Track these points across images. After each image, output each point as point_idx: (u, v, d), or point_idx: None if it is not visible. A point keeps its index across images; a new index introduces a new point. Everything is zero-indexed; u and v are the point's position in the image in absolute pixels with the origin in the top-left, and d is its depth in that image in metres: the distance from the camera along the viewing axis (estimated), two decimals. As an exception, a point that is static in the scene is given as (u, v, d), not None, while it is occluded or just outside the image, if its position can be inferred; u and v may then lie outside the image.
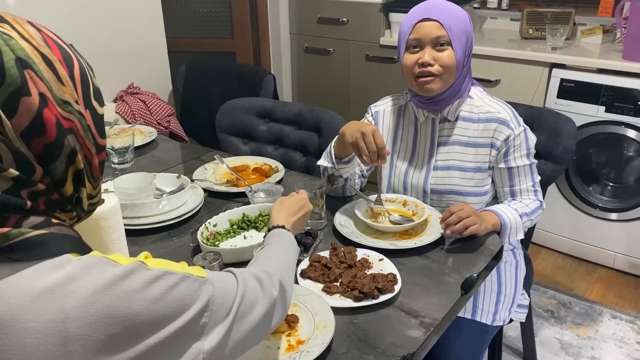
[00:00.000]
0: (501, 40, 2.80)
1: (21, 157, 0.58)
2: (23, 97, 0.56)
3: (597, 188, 2.54)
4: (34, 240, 0.57)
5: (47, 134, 0.59)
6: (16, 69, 0.56)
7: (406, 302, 1.09)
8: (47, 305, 0.53)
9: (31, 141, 0.58)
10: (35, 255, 0.57)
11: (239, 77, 2.63)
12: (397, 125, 1.54)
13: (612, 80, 2.30)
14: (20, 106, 0.56)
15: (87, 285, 0.56)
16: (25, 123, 0.57)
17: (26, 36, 0.59)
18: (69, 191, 0.64)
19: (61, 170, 0.62)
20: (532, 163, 1.44)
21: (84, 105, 0.64)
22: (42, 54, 0.59)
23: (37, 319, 0.53)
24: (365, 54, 3.05)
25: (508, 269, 1.53)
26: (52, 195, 0.62)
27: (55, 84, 0.60)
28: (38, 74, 0.58)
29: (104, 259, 0.60)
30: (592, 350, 2.06)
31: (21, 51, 0.57)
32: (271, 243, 0.98)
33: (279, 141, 2.05)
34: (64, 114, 0.60)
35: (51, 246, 0.58)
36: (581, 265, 2.61)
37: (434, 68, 1.34)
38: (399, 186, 1.53)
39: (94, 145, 0.66)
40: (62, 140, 0.60)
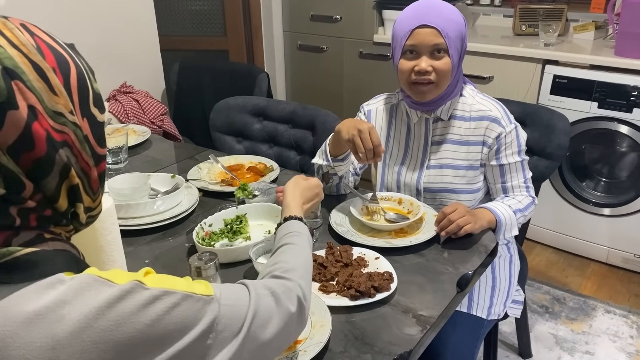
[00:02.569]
0: (494, 37, 2.81)
1: (8, 174, 0.54)
2: (10, 111, 0.53)
3: (590, 184, 2.55)
4: (24, 260, 0.54)
5: (37, 148, 0.55)
6: (2, 81, 0.52)
7: (402, 300, 1.09)
8: (36, 332, 0.50)
9: (19, 156, 0.54)
10: (25, 277, 0.53)
11: (232, 75, 2.62)
12: (390, 124, 1.54)
13: (605, 76, 2.31)
14: (6, 120, 0.52)
15: (79, 309, 0.52)
16: (12, 138, 0.53)
17: (16, 43, 0.55)
18: (63, 207, 0.60)
19: (53, 186, 0.58)
20: (524, 160, 1.45)
21: (81, 114, 0.60)
22: (33, 63, 0.55)
23: (25, 346, 0.50)
24: (359, 52, 3.05)
25: (502, 263, 1.54)
26: (44, 212, 0.59)
27: (46, 95, 0.56)
28: (27, 84, 0.54)
29: (98, 279, 0.56)
30: (586, 345, 2.07)
31: (9, 60, 0.53)
32: (292, 243, 0.89)
33: (273, 140, 2.05)
34: (56, 127, 0.56)
35: (42, 265, 0.55)
36: (575, 260, 2.63)
37: (430, 76, 1.34)
38: (392, 185, 1.53)
39: (92, 157, 0.62)
40: (53, 155, 0.57)
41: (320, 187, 1.15)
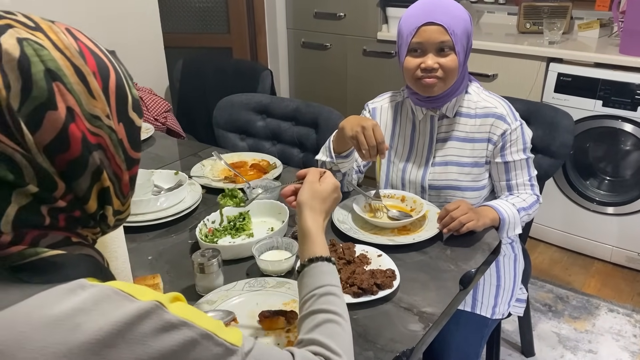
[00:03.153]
0: (498, 35, 2.80)
1: (43, 173, 0.55)
2: (49, 111, 0.54)
3: (594, 182, 2.54)
4: (49, 262, 0.55)
5: (72, 150, 0.56)
6: (44, 81, 0.53)
7: (405, 298, 1.09)
8: (52, 337, 0.50)
9: (55, 157, 0.55)
10: (49, 279, 0.54)
11: (235, 72, 2.63)
12: (395, 121, 1.53)
13: (609, 74, 2.30)
14: (45, 120, 0.53)
15: (95, 320, 0.52)
16: (49, 138, 0.54)
17: (60, 46, 0.56)
18: (92, 208, 0.61)
19: (85, 188, 0.59)
20: (529, 157, 1.44)
21: (117, 118, 0.60)
22: (74, 66, 0.56)
23: (40, 350, 0.50)
24: (363, 49, 3.05)
25: (507, 262, 1.53)
26: (74, 213, 0.59)
27: (85, 98, 0.57)
28: (68, 87, 0.55)
29: (120, 292, 0.55)
30: (589, 344, 2.07)
31: (52, 62, 0.54)
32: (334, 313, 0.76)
33: (276, 137, 2.05)
34: (92, 129, 0.57)
35: (66, 269, 0.55)
36: (578, 259, 2.62)
37: (437, 73, 1.34)
38: (397, 182, 1.53)
39: (125, 161, 0.62)
40: (87, 157, 0.57)
41: (338, 187, 0.98)
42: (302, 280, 0.83)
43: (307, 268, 0.83)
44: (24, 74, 0.52)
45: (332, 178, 0.97)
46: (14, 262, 0.53)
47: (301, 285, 0.83)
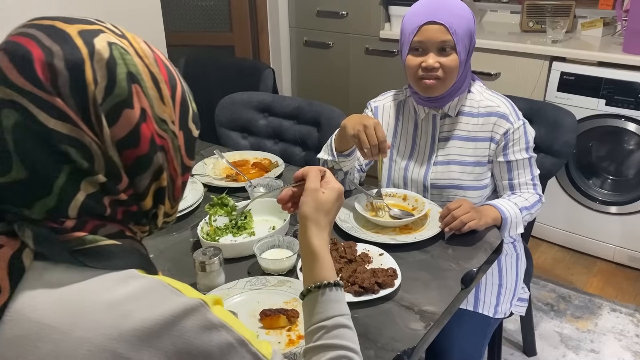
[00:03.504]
0: (501, 34, 2.79)
1: (111, 165, 0.59)
2: (126, 109, 0.59)
3: (597, 181, 2.54)
4: (106, 250, 0.58)
5: (140, 147, 0.60)
6: (126, 82, 0.59)
7: (406, 297, 1.09)
8: (105, 320, 0.54)
9: (123, 151, 0.60)
10: (105, 265, 0.57)
11: (238, 71, 2.62)
12: (397, 120, 1.53)
13: (613, 73, 2.29)
14: (121, 117, 0.58)
15: (144, 309, 0.55)
16: (123, 133, 0.59)
17: (141, 54, 0.62)
18: (147, 206, 0.65)
19: (145, 184, 0.63)
20: (531, 157, 1.44)
21: (179, 126, 0.65)
22: (151, 73, 0.62)
23: (93, 330, 0.53)
24: (365, 48, 3.04)
25: (509, 261, 1.53)
26: (132, 207, 0.63)
27: (157, 102, 0.62)
28: (144, 90, 0.60)
29: (167, 286, 0.59)
30: (591, 344, 2.07)
31: (133, 67, 0.60)
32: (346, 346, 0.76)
33: (278, 136, 2.05)
34: (159, 132, 0.62)
35: (120, 258, 0.59)
36: (581, 258, 2.62)
37: (438, 72, 1.34)
38: (399, 181, 1.53)
39: (181, 166, 0.67)
40: (152, 156, 0.62)
41: (342, 192, 0.90)
42: (309, 306, 0.80)
43: (315, 294, 0.80)
44: (110, 73, 0.58)
45: (335, 182, 0.90)
46: (74, 246, 0.57)
47: (309, 311, 0.80)
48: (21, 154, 0.56)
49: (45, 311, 0.54)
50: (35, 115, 0.55)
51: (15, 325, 0.53)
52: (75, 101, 0.56)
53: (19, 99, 0.55)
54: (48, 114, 0.55)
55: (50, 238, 0.56)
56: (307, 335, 0.79)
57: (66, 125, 0.56)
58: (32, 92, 0.55)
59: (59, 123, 0.56)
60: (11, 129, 0.55)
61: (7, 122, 0.55)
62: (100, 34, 0.59)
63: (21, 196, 0.57)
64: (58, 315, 0.54)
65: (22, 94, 0.55)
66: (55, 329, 0.53)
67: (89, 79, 0.57)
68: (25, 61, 0.55)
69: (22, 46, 0.56)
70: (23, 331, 0.53)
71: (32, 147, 0.55)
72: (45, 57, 0.55)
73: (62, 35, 0.57)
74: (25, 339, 0.53)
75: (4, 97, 0.55)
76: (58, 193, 0.57)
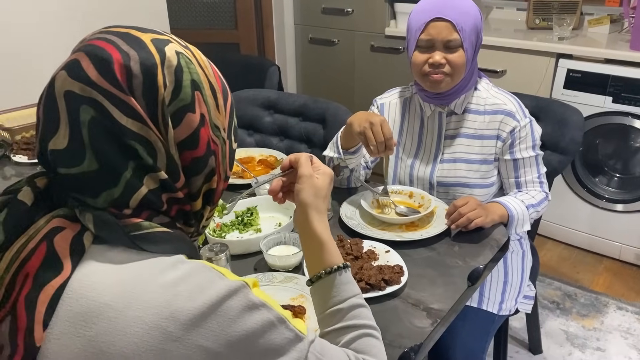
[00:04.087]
0: (507, 31, 2.78)
1: (172, 164, 0.64)
2: (188, 113, 0.64)
3: (604, 179, 2.52)
4: (160, 236, 0.62)
5: (198, 149, 0.65)
6: (190, 88, 0.64)
7: (413, 294, 1.09)
8: (157, 300, 0.57)
9: (183, 152, 0.64)
10: (159, 249, 0.61)
11: (243, 68, 2.62)
12: (403, 117, 1.53)
13: (620, 70, 2.28)
14: (184, 120, 0.64)
15: (194, 290, 0.58)
16: (184, 135, 0.64)
17: (202, 64, 0.67)
18: (197, 206, 0.69)
19: (198, 185, 0.68)
20: (538, 155, 1.44)
21: (226, 134, 0.70)
22: (209, 82, 0.67)
23: (146, 310, 0.56)
24: (370, 45, 3.04)
25: (515, 258, 1.53)
26: (185, 206, 0.67)
27: (213, 110, 0.67)
28: (204, 97, 0.66)
29: (212, 269, 0.62)
30: (597, 342, 2.06)
31: (196, 75, 0.65)
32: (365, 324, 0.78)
33: (284, 133, 2.05)
34: (213, 137, 0.67)
35: (172, 244, 0.63)
36: (587, 256, 2.61)
37: (444, 69, 1.33)
38: (405, 178, 1.53)
39: (224, 172, 0.71)
40: (207, 158, 0.67)
41: (332, 176, 0.91)
42: (320, 292, 0.81)
43: (326, 279, 0.81)
44: (177, 79, 0.63)
45: (324, 167, 0.90)
46: (132, 231, 0.61)
47: (321, 297, 0.81)
48: (95, 148, 0.60)
49: (102, 290, 0.57)
50: (111, 112, 0.59)
51: (74, 302, 0.56)
52: (147, 102, 0.61)
53: (97, 97, 0.59)
54: (122, 111, 0.60)
55: (111, 222, 0.60)
56: (323, 320, 0.80)
57: (136, 124, 0.60)
58: (110, 91, 0.59)
59: (130, 121, 0.60)
60: (87, 124, 0.59)
61: (85, 117, 0.59)
62: (169, 44, 0.65)
63: (89, 186, 0.61)
64: (114, 294, 0.57)
65: (101, 92, 0.59)
66: (110, 307, 0.56)
67: (160, 83, 0.62)
68: (105, 62, 0.60)
69: (102, 49, 0.61)
70: (81, 308, 0.56)
71: (105, 141, 0.60)
72: (123, 60, 0.60)
73: (138, 41, 0.63)
74: (83, 316, 0.56)
75: (83, 94, 0.59)
76: (124, 185, 0.61)
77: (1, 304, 0.57)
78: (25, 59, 2.17)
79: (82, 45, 0.63)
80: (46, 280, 0.57)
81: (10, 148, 1.81)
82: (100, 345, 0.55)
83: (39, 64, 2.18)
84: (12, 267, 0.58)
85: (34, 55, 2.18)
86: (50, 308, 0.56)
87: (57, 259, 0.58)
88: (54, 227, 0.60)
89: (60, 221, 0.61)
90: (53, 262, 0.58)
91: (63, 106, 0.60)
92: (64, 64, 0.62)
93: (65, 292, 0.57)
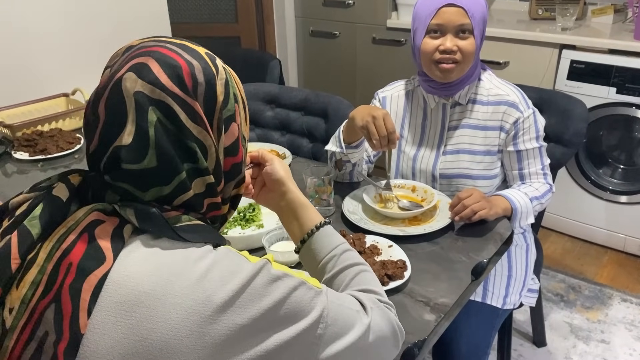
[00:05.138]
0: (510, 22, 2.76)
1: (218, 169, 0.70)
2: (233, 122, 0.71)
3: (607, 170, 2.51)
4: (197, 227, 0.66)
5: (238, 155, 0.72)
6: (233, 101, 0.71)
7: (416, 289, 1.08)
8: (192, 287, 0.60)
9: (226, 158, 0.71)
10: (195, 239, 0.65)
11: (244, 62, 2.61)
12: (406, 110, 1.52)
13: (624, 61, 2.26)
14: (230, 128, 0.70)
15: (224, 275, 0.62)
16: (229, 142, 0.71)
17: (236, 80, 0.74)
18: (225, 210, 0.75)
19: (230, 190, 0.74)
20: (542, 146, 1.42)
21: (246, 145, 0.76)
22: (242, 97, 0.74)
23: (183, 296, 0.59)
24: (372, 37, 3.02)
25: (519, 252, 1.52)
26: (218, 211, 0.73)
27: (244, 122, 0.74)
28: (239, 110, 0.72)
29: (237, 254, 0.67)
30: (602, 334, 2.05)
31: (235, 90, 0.72)
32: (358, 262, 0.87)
33: (285, 127, 2.04)
34: (242, 146, 0.74)
35: (206, 234, 0.67)
36: (591, 248, 2.60)
37: (456, 55, 1.32)
38: (408, 171, 1.52)
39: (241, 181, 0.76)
40: (242, 165, 0.74)
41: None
42: (312, 248, 0.90)
43: (315, 236, 0.90)
44: (226, 91, 0.70)
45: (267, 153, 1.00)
46: (173, 223, 0.64)
47: (313, 252, 0.90)
48: (158, 146, 0.63)
49: (140, 280, 0.59)
50: (178, 115, 0.64)
51: (114, 292, 0.59)
52: (206, 109, 0.67)
53: (166, 99, 0.64)
54: (188, 115, 0.65)
55: (154, 214, 0.64)
56: (319, 272, 0.88)
57: (197, 128, 0.66)
58: (179, 95, 0.64)
59: (193, 125, 0.65)
60: (154, 124, 0.63)
61: (152, 118, 0.63)
62: (217, 59, 0.71)
63: (143, 181, 0.64)
64: (152, 283, 0.59)
65: (170, 95, 0.64)
66: (149, 295, 0.58)
67: (218, 92, 0.68)
68: (175, 68, 0.65)
69: (169, 56, 0.66)
70: (121, 298, 0.58)
71: (168, 141, 0.64)
72: (189, 68, 0.66)
73: (196, 53, 0.69)
74: (123, 305, 0.58)
75: (152, 96, 0.63)
76: (176, 185, 0.65)
77: (45, 292, 0.59)
78: (26, 55, 2.16)
79: (142, 50, 0.66)
80: (90, 269, 0.59)
81: (11, 145, 1.81)
82: (142, 332, 0.57)
83: (39, 60, 2.17)
84: (53, 257, 0.60)
85: (34, 51, 2.17)
86: (94, 297, 0.58)
87: (99, 249, 0.61)
88: (93, 219, 0.63)
89: (99, 214, 0.64)
90: (95, 252, 0.60)
91: (132, 106, 0.63)
92: (128, 66, 0.65)
93: (106, 282, 0.59)
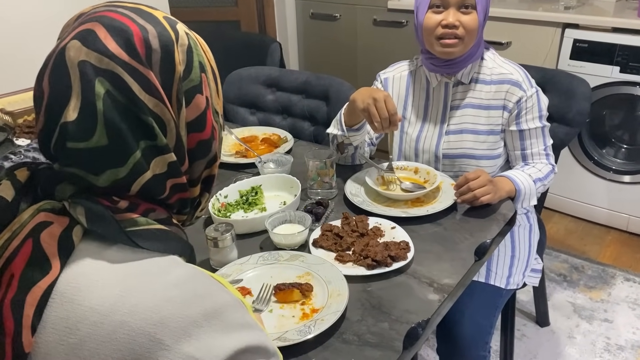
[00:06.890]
0: (511, 1, 2.73)
1: (180, 146, 0.62)
2: (198, 94, 0.63)
3: (611, 150, 2.50)
4: (156, 233, 0.59)
5: (205, 132, 0.65)
6: (198, 70, 0.63)
7: (419, 270, 1.08)
8: (145, 305, 0.52)
9: (190, 134, 0.64)
10: (154, 247, 0.57)
11: (244, 45, 2.59)
12: (408, 91, 1.51)
13: (627, 39, 2.24)
14: (194, 100, 0.63)
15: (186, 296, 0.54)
16: (193, 116, 0.63)
17: (204, 48, 0.67)
18: (196, 193, 0.68)
19: (200, 170, 0.67)
20: (544, 126, 1.42)
21: (222, 121, 0.70)
22: (211, 67, 0.67)
23: (133, 315, 0.51)
24: (373, 19, 2.99)
25: (522, 232, 1.52)
26: (185, 193, 0.66)
27: (214, 94, 0.67)
28: (208, 81, 0.65)
29: (210, 277, 0.59)
30: (605, 313, 2.06)
31: (202, 58, 0.65)
32: None
33: (286, 111, 2.03)
34: (213, 122, 0.67)
35: (167, 243, 0.60)
36: (594, 228, 2.60)
37: (458, 30, 1.31)
38: (410, 152, 1.51)
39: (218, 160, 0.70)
40: (211, 142, 0.66)
41: None
42: None
43: None
44: (188, 59, 0.63)
45: None
46: (127, 227, 0.57)
47: None
48: (107, 122, 0.56)
49: (88, 293, 0.52)
50: (130, 86, 0.57)
51: (59, 307, 0.52)
52: (163, 79, 0.60)
53: (115, 69, 0.56)
54: (141, 86, 0.57)
55: (105, 216, 0.56)
56: None
57: (153, 100, 0.58)
58: (130, 64, 0.57)
59: (148, 97, 0.58)
60: (102, 97, 0.56)
61: (100, 90, 0.56)
62: (178, 23, 0.64)
63: (95, 162, 0.57)
64: (100, 297, 0.52)
65: (120, 64, 0.56)
66: (95, 311, 0.51)
67: (177, 60, 0.61)
68: (124, 34, 0.57)
69: (118, 21, 0.58)
70: (65, 313, 0.52)
71: (119, 116, 0.57)
72: (142, 33, 0.58)
73: (152, 17, 0.61)
74: (67, 322, 0.51)
75: (100, 65, 0.56)
76: (131, 166, 0.58)
77: None
78: (25, 42, 2.15)
79: (90, 17, 0.59)
80: (34, 280, 0.52)
81: (13, 132, 1.81)
82: (84, 353, 0.50)
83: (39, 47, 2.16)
84: None
85: (33, 38, 2.16)
86: (39, 311, 0.51)
87: (45, 257, 0.53)
88: (40, 222, 0.55)
89: (47, 215, 0.56)
90: (40, 260, 0.53)
91: (76, 77, 0.56)
92: (74, 34, 0.57)
93: (52, 294, 0.52)
